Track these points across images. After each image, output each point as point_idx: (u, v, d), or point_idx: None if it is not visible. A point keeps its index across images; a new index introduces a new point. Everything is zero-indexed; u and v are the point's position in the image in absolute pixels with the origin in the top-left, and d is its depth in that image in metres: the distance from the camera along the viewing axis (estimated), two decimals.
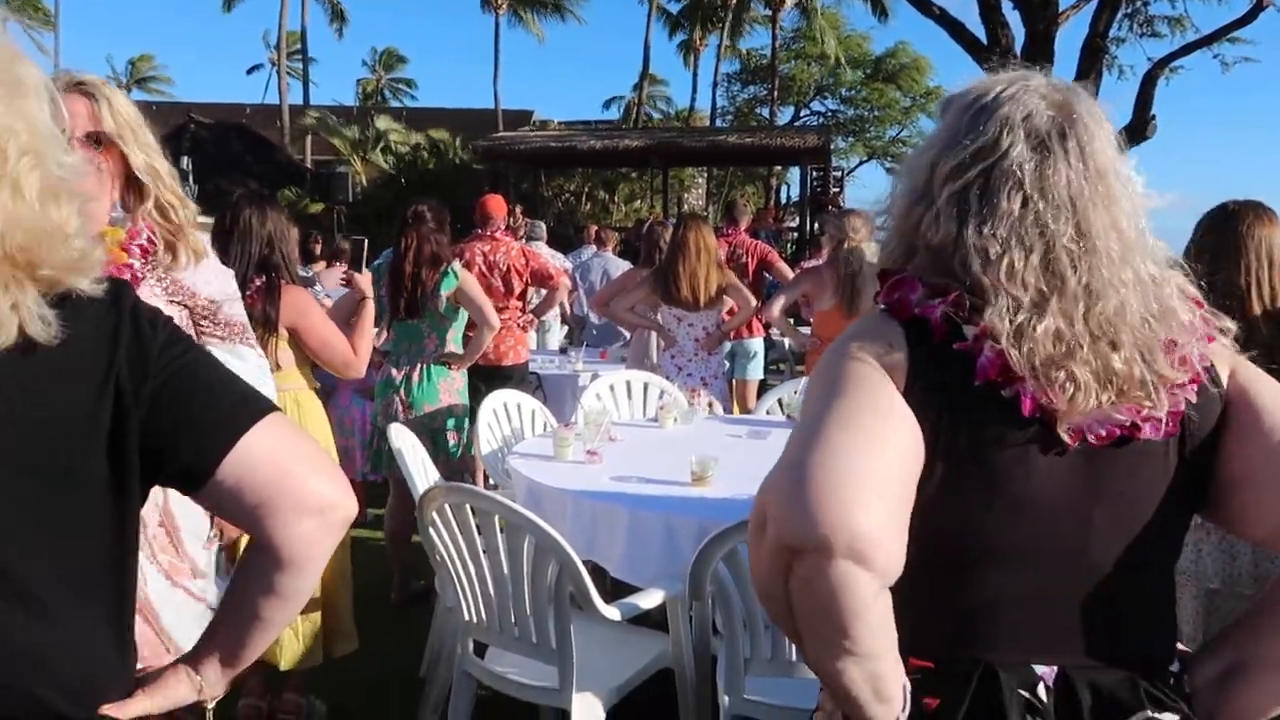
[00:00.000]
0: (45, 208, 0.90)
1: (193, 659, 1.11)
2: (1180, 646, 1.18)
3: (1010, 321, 1.04)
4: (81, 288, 0.92)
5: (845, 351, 1.08)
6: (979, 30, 15.26)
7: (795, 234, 18.68)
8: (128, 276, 1.95)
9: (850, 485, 0.94)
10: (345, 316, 3.44)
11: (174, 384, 0.97)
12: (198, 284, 2.06)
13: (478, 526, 2.48)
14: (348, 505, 1.04)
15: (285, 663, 2.94)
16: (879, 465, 0.97)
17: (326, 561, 1.06)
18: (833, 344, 1.12)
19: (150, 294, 1.97)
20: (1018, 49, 14.91)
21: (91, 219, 1.00)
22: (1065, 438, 1.05)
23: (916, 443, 1.03)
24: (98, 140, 1.82)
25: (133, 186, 1.90)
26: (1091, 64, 15.01)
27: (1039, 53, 14.72)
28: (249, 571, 1.07)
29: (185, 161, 12.52)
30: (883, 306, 1.13)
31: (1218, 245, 2.29)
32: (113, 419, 0.94)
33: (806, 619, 0.99)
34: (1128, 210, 1.10)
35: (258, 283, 2.96)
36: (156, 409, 0.96)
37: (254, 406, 1.02)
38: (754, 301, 5.10)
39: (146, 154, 1.87)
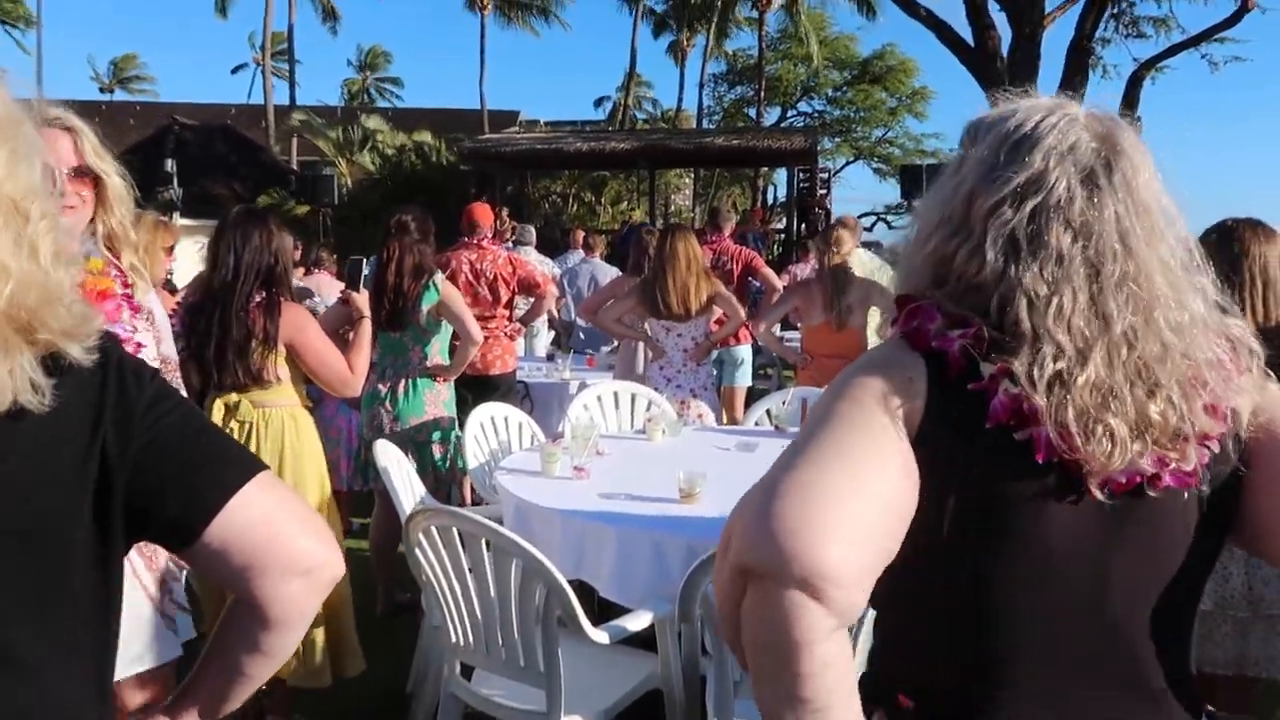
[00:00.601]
0: (55, 271, 0.90)
1: (172, 710, 1.10)
2: (1210, 709, 1.14)
3: (1050, 369, 1.00)
4: (74, 354, 0.91)
5: (859, 379, 1.04)
6: (966, 32, 15.31)
7: (782, 235, 18.70)
8: (120, 298, 2.02)
9: (820, 516, 0.90)
10: (333, 327, 3.42)
11: (160, 443, 0.96)
12: (156, 307, 2.17)
13: (463, 546, 2.46)
14: (335, 564, 1.03)
15: (288, 677, 2.94)
16: (857, 504, 0.93)
17: (312, 619, 1.05)
18: (850, 366, 1.09)
19: (145, 324, 2.07)
20: (1004, 51, 14.99)
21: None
22: (1097, 493, 1.01)
23: (907, 490, 0.99)
24: (82, 173, 1.89)
25: (96, 217, 1.99)
26: (1078, 65, 15.08)
27: (1025, 54, 14.79)
28: (233, 628, 1.06)
29: (169, 164, 12.45)
30: (900, 333, 1.09)
31: (1213, 264, 2.28)
32: (98, 481, 0.93)
33: (754, 651, 0.95)
34: (1174, 247, 1.06)
35: (258, 298, 2.95)
36: (142, 468, 0.95)
37: (242, 466, 1.01)
38: (743, 311, 5.08)
39: (117, 179, 1.97)
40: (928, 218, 1.13)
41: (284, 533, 1.00)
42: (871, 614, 1.27)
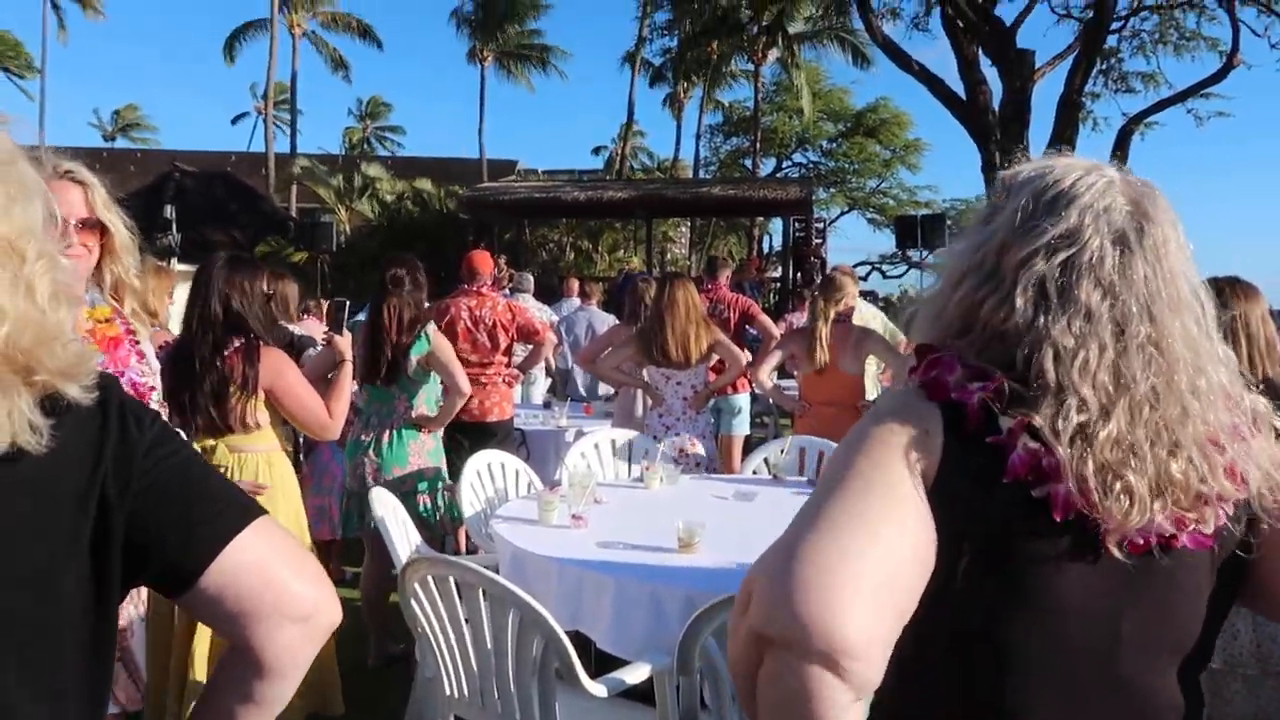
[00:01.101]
0: (53, 311, 0.89)
1: None
2: None
3: (1074, 422, 1.00)
4: (72, 394, 0.90)
5: (875, 430, 1.04)
6: (958, 86, 15.56)
7: (778, 284, 18.80)
8: (129, 345, 2.06)
9: (840, 588, 0.89)
10: (321, 373, 3.42)
11: (159, 487, 0.95)
12: (148, 349, 2.25)
13: (460, 596, 2.43)
14: (330, 612, 1.02)
15: None
16: (877, 572, 0.92)
17: (307, 668, 1.03)
18: (865, 417, 1.09)
19: (147, 368, 2.12)
20: (996, 105, 15.22)
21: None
22: (1115, 551, 1.01)
23: (926, 545, 0.98)
24: (91, 225, 1.96)
25: (103, 266, 2.04)
26: (1068, 119, 15.31)
27: (1016, 108, 15.02)
28: (227, 677, 1.03)
29: (169, 210, 12.50)
30: (918, 383, 1.09)
31: None
32: (95, 526, 0.91)
33: (770, 716, 0.93)
34: (1198, 315, 1.08)
35: (236, 344, 2.96)
36: (141, 512, 0.94)
37: (240, 511, 1.00)
38: (743, 359, 5.09)
39: (124, 231, 2.02)
40: (955, 265, 1.14)
41: (278, 579, 0.98)
42: None
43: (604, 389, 7.10)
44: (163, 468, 0.96)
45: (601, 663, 2.73)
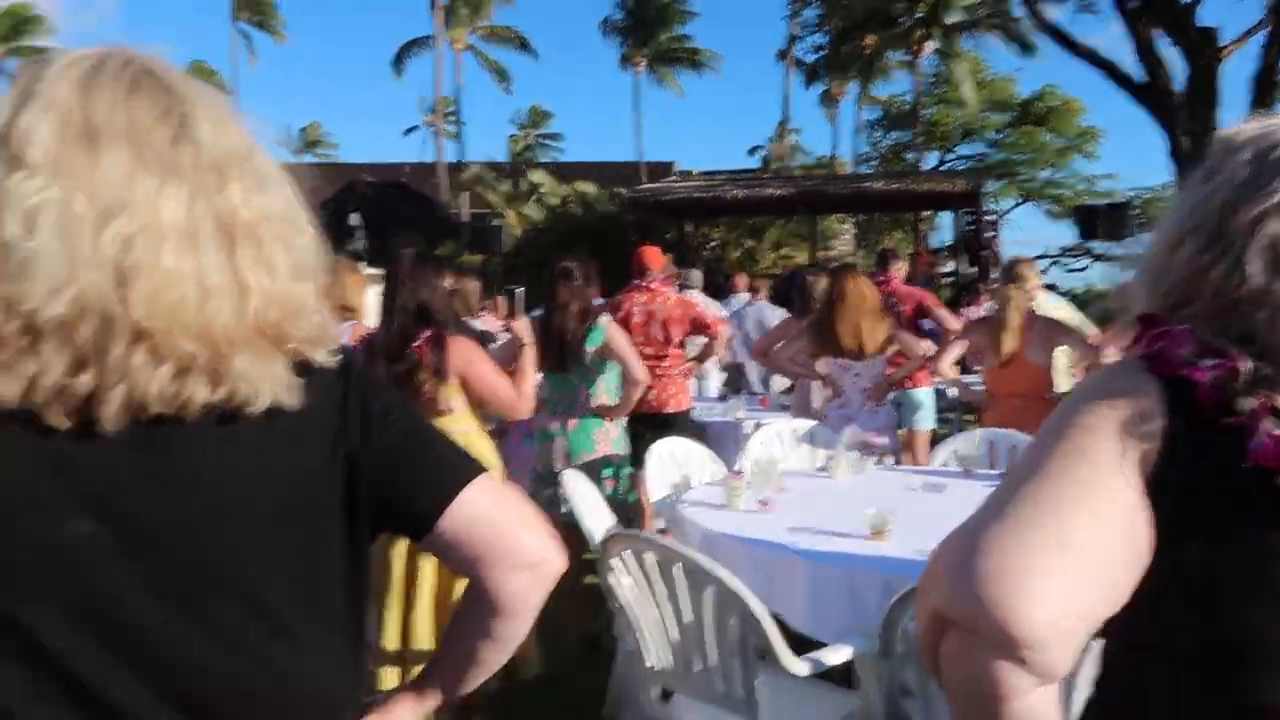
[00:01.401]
0: (294, 285, 1.00)
1: (416, 689, 1.19)
2: None
3: None
4: (319, 358, 1.02)
5: (1081, 414, 0.98)
6: (1132, 70, 14.65)
7: (951, 279, 18.23)
8: None
9: (1027, 569, 0.85)
10: (506, 361, 3.64)
11: (395, 446, 1.07)
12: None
13: (661, 573, 2.51)
14: (557, 560, 1.11)
15: None
16: (1067, 567, 0.87)
17: (538, 612, 1.12)
18: (1073, 394, 1.04)
19: None
20: (1178, 86, 14.25)
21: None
22: None
23: (1131, 550, 0.92)
24: None
25: None
26: (1263, 98, 14.14)
27: (1203, 87, 14.01)
28: (468, 616, 1.15)
29: (354, 218, 13.38)
30: (1140, 356, 1.02)
31: None
32: (345, 476, 1.03)
33: (953, 694, 0.93)
34: None
35: (426, 334, 3.17)
36: (381, 468, 1.05)
37: (466, 468, 1.11)
38: (921, 350, 5.00)
39: None
40: (1171, 227, 1.08)
41: (506, 528, 1.08)
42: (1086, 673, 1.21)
43: (778, 382, 7.10)
44: (396, 429, 1.07)
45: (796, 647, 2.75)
